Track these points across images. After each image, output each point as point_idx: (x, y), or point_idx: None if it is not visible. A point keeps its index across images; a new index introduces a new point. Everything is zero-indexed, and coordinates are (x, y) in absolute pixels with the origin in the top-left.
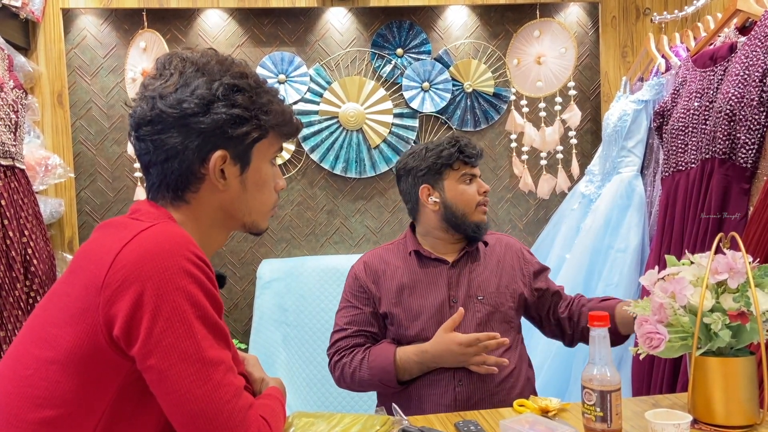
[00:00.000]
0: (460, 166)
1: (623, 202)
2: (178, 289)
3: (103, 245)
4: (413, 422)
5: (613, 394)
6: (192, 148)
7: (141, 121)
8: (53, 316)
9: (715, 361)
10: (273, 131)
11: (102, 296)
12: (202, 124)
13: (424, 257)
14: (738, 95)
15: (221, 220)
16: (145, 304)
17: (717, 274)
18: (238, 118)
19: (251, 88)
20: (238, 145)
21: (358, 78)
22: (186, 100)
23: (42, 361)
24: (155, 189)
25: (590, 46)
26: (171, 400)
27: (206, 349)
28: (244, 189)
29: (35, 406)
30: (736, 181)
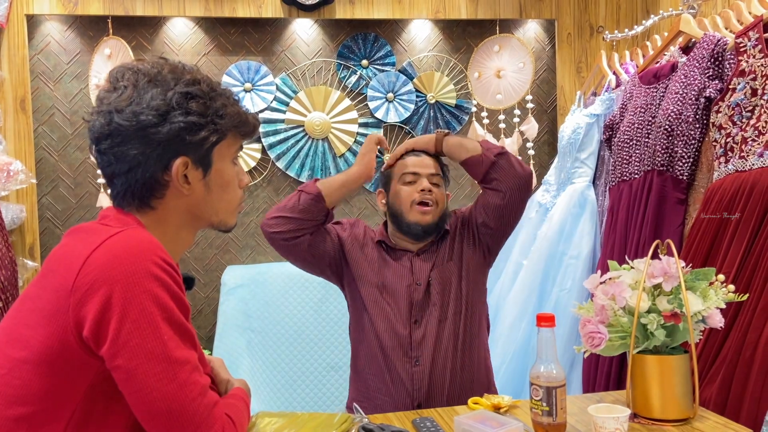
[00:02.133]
0: (404, 164)
1: (576, 210)
2: (145, 292)
3: (74, 250)
4: (372, 420)
5: (558, 390)
6: (153, 158)
7: (100, 135)
8: (26, 317)
9: (651, 359)
10: (231, 132)
11: (72, 299)
12: (160, 134)
13: (389, 247)
14: (676, 112)
15: (188, 222)
16: (113, 306)
17: (653, 277)
18: (194, 124)
19: (205, 94)
20: (198, 150)
21: (323, 88)
22: (142, 112)
23: (15, 361)
24: (120, 197)
25: (547, 61)
26: (138, 398)
27: (172, 350)
28: (208, 191)
29: (10, 404)
30: (673, 192)
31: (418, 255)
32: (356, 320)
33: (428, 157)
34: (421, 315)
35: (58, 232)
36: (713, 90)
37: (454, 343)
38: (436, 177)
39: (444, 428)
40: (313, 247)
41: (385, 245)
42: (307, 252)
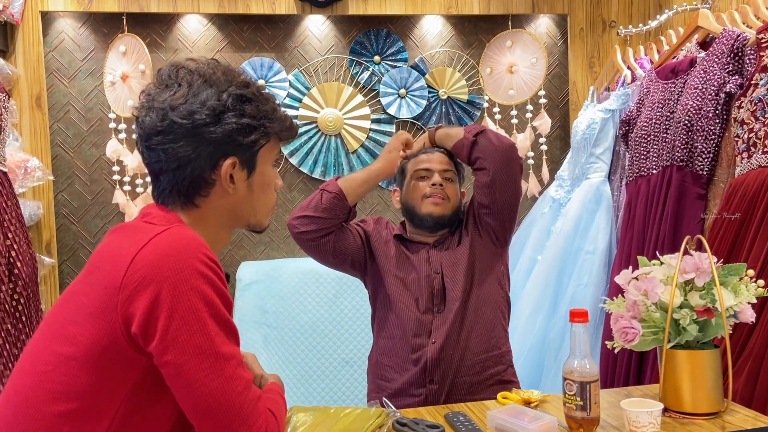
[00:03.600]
0: (418, 162)
1: (592, 206)
2: (192, 289)
3: (120, 248)
4: (404, 414)
5: (591, 385)
6: (204, 157)
7: (151, 131)
8: (72, 314)
9: (683, 354)
10: (274, 136)
11: (120, 296)
12: (213, 134)
13: (407, 240)
14: (696, 107)
15: (228, 221)
16: (161, 303)
17: (685, 273)
18: (247, 126)
19: (256, 97)
20: (246, 152)
21: (336, 84)
22: (197, 111)
23: (62, 357)
24: (166, 194)
25: (559, 56)
26: (187, 393)
27: (219, 345)
28: (250, 192)
29: (55, 400)
30: (692, 187)
31: (435, 246)
32: (379, 311)
33: (440, 153)
34: (440, 301)
35: (73, 229)
36: (733, 85)
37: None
38: (449, 172)
39: (476, 423)
40: (338, 246)
41: (403, 239)
42: (333, 250)
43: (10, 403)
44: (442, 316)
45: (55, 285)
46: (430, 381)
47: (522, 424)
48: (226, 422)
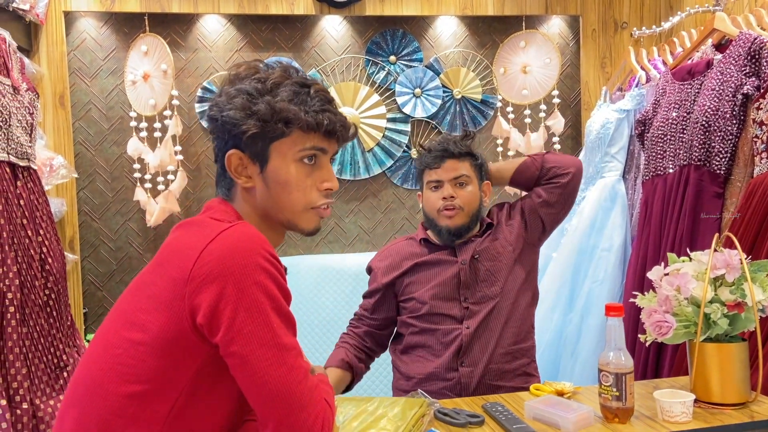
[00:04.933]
0: (429, 172)
1: (607, 204)
2: (256, 284)
3: (188, 242)
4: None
5: (627, 376)
6: (219, 148)
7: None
8: (142, 302)
9: (712, 347)
10: (296, 128)
11: (188, 288)
12: (219, 129)
13: (432, 243)
14: (713, 108)
15: (263, 217)
16: (227, 297)
17: (715, 269)
18: (233, 119)
19: (253, 89)
20: (249, 144)
21: (353, 83)
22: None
23: (131, 342)
24: (216, 184)
25: (571, 56)
26: (251, 382)
27: (281, 336)
28: (267, 186)
29: (124, 382)
30: (710, 185)
31: (459, 245)
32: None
33: (452, 160)
34: (470, 292)
35: (95, 226)
36: (750, 87)
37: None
38: (462, 177)
39: (514, 413)
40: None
41: (429, 242)
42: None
43: (83, 383)
44: (479, 304)
45: (78, 281)
46: (461, 364)
47: (561, 414)
48: (288, 409)
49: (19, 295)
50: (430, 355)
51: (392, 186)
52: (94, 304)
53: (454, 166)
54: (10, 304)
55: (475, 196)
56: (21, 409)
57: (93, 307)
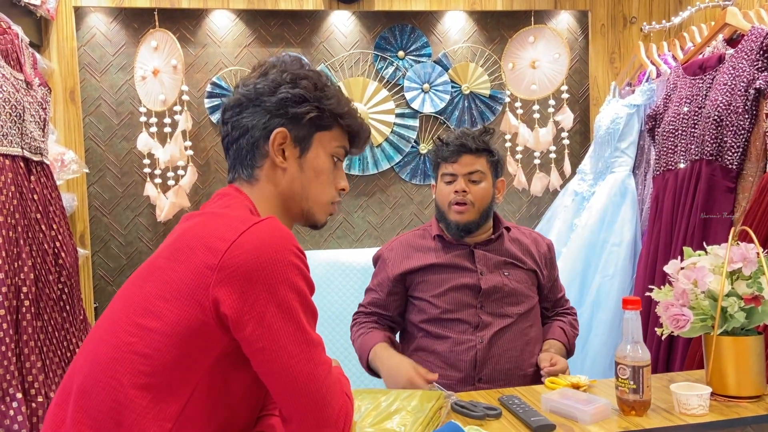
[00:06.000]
0: (444, 165)
1: (617, 199)
2: (287, 281)
3: (215, 231)
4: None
5: (644, 369)
6: (259, 126)
7: (227, 106)
8: (158, 289)
9: (728, 340)
10: (337, 124)
11: (215, 276)
12: (268, 103)
13: (446, 241)
14: (725, 103)
15: (285, 202)
16: (258, 292)
17: (732, 262)
18: (299, 97)
19: (317, 79)
20: (298, 126)
21: (361, 79)
22: (260, 83)
23: (147, 330)
24: (234, 168)
25: (579, 51)
26: (279, 378)
27: (309, 333)
28: (301, 172)
29: (136, 373)
30: (722, 180)
31: (476, 248)
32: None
33: (468, 155)
34: (485, 300)
35: (105, 221)
36: (763, 82)
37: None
38: (476, 174)
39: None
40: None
41: (443, 239)
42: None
43: (91, 372)
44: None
45: (88, 276)
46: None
47: (578, 407)
48: (314, 404)
49: (33, 289)
50: (443, 364)
51: (400, 181)
52: (104, 299)
53: (470, 162)
54: (25, 298)
55: (487, 193)
56: (36, 402)
57: (103, 302)
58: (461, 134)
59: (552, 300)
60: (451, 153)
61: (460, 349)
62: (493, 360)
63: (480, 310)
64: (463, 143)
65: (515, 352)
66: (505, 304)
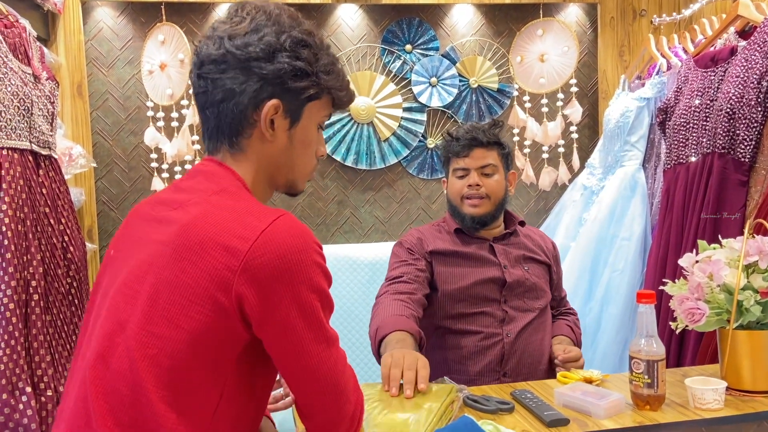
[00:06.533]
0: (456, 160)
1: (627, 193)
2: (310, 281)
3: (231, 229)
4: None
5: (659, 363)
6: (249, 93)
7: (206, 59)
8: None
9: (743, 334)
10: (327, 94)
11: (237, 279)
12: (264, 70)
13: (466, 235)
14: (738, 95)
15: (270, 174)
16: (281, 293)
17: (749, 256)
18: (300, 71)
19: (317, 47)
20: (292, 99)
21: (368, 73)
22: (253, 44)
23: (166, 340)
24: (213, 136)
25: (588, 45)
26: (302, 376)
27: (328, 330)
28: (291, 145)
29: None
30: (734, 174)
31: (495, 242)
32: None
33: (480, 149)
34: (509, 294)
35: (113, 215)
36: None
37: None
38: (489, 167)
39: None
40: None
41: (462, 232)
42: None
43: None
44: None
45: (97, 270)
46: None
47: (592, 401)
48: (335, 399)
49: (42, 283)
50: (465, 360)
51: (408, 176)
52: None
53: (481, 155)
54: (34, 292)
55: (501, 186)
56: (45, 397)
57: None
58: (471, 128)
59: (557, 299)
60: (462, 147)
61: (488, 344)
62: (517, 354)
63: (504, 304)
64: (474, 137)
65: (536, 345)
66: (527, 299)
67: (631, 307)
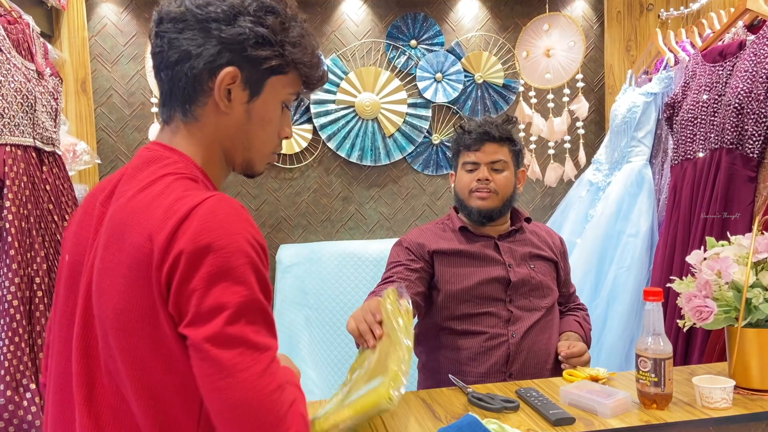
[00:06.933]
0: (466, 154)
1: (634, 189)
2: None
3: (148, 209)
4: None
5: (666, 362)
6: (205, 56)
7: (165, 16)
8: (101, 282)
9: (752, 332)
10: (295, 70)
11: (157, 272)
12: (223, 33)
13: (470, 233)
14: (746, 90)
15: (225, 150)
16: (203, 278)
17: (758, 253)
18: (262, 38)
19: (286, 16)
20: (252, 69)
21: (373, 68)
22: (215, 3)
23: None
24: (167, 102)
25: (595, 39)
26: (216, 387)
27: (256, 333)
28: (248, 119)
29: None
30: (742, 169)
31: (501, 240)
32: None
33: (492, 144)
34: (514, 293)
35: None
36: None
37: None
38: (499, 163)
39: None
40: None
41: (467, 230)
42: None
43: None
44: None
45: None
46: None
47: (598, 400)
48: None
49: (46, 280)
50: (471, 360)
51: (413, 172)
52: None
53: (493, 150)
54: (38, 289)
55: (510, 182)
56: None
57: None
58: (484, 122)
59: (565, 295)
60: (474, 141)
61: (493, 344)
62: (523, 354)
63: (509, 304)
64: (487, 131)
65: (543, 345)
66: (533, 297)
67: (638, 305)
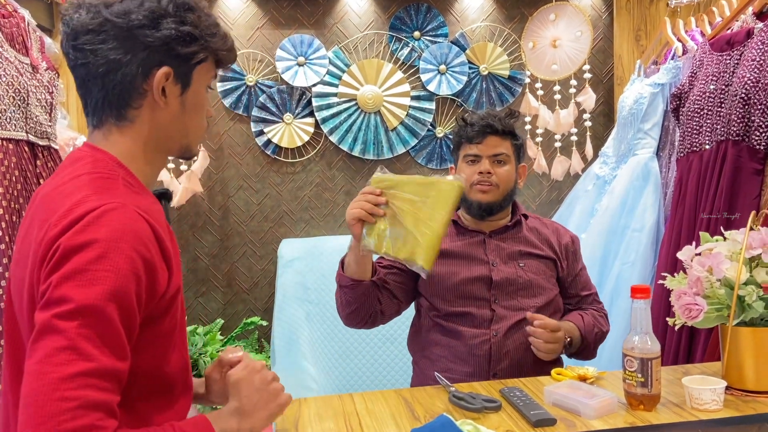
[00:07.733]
0: (468, 146)
1: (639, 183)
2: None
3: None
4: (459, 389)
5: (653, 361)
6: (136, 63)
7: (80, 29)
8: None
9: (746, 331)
10: (212, 56)
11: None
12: (149, 38)
13: (462, 227)
14: (753, 80)
15: (162, 142)
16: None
17: (751, 249)
18: (188, 35)
19: (199, 9)
20: (182, 65)
21: (376, 61)
22: (134, 11)
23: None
24: (98, 110)
25: (603, 29)
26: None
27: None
28: (183, 110)
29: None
30: (749, 162)
31: (491, 236)
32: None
33: (493, 137)
34: (498, 293)
35: None
36: None
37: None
38: (501, 156)
39: (533, 398)
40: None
41: (458, 225)
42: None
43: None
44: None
45: None
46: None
47: (582, 401)
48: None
49: None
50: (456, 359)
51: (416, 165)
52: None
53: (495, 143)
54: None
55: (511, 176)
56: None
57: None
58: (486, 115)
59: (576, 297)
60: (476, 133)
61: (474, 343)
62: (510, 354)
63: (494, 303)
64: (489, 124)
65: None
66: (520, 297)
67: None
